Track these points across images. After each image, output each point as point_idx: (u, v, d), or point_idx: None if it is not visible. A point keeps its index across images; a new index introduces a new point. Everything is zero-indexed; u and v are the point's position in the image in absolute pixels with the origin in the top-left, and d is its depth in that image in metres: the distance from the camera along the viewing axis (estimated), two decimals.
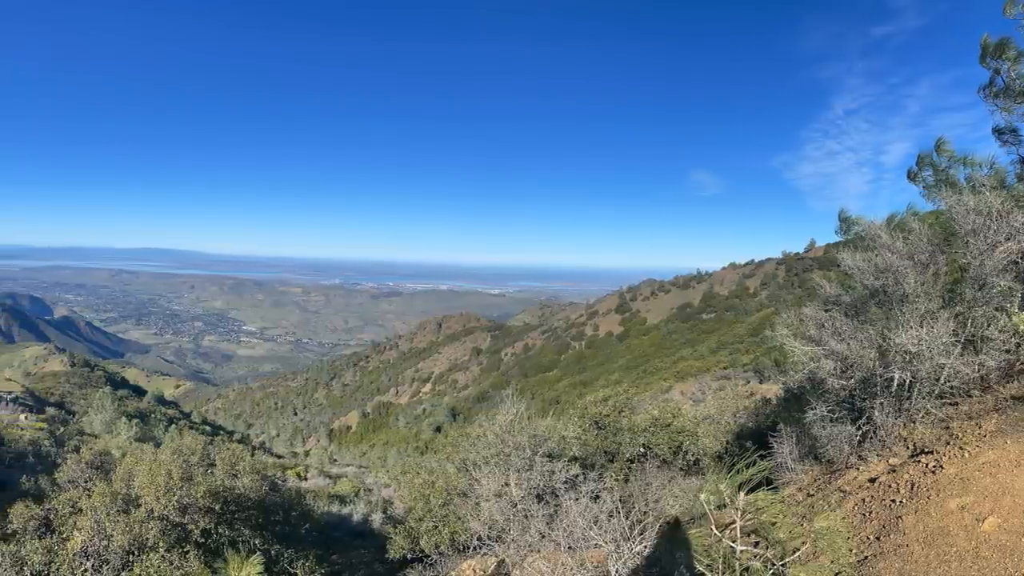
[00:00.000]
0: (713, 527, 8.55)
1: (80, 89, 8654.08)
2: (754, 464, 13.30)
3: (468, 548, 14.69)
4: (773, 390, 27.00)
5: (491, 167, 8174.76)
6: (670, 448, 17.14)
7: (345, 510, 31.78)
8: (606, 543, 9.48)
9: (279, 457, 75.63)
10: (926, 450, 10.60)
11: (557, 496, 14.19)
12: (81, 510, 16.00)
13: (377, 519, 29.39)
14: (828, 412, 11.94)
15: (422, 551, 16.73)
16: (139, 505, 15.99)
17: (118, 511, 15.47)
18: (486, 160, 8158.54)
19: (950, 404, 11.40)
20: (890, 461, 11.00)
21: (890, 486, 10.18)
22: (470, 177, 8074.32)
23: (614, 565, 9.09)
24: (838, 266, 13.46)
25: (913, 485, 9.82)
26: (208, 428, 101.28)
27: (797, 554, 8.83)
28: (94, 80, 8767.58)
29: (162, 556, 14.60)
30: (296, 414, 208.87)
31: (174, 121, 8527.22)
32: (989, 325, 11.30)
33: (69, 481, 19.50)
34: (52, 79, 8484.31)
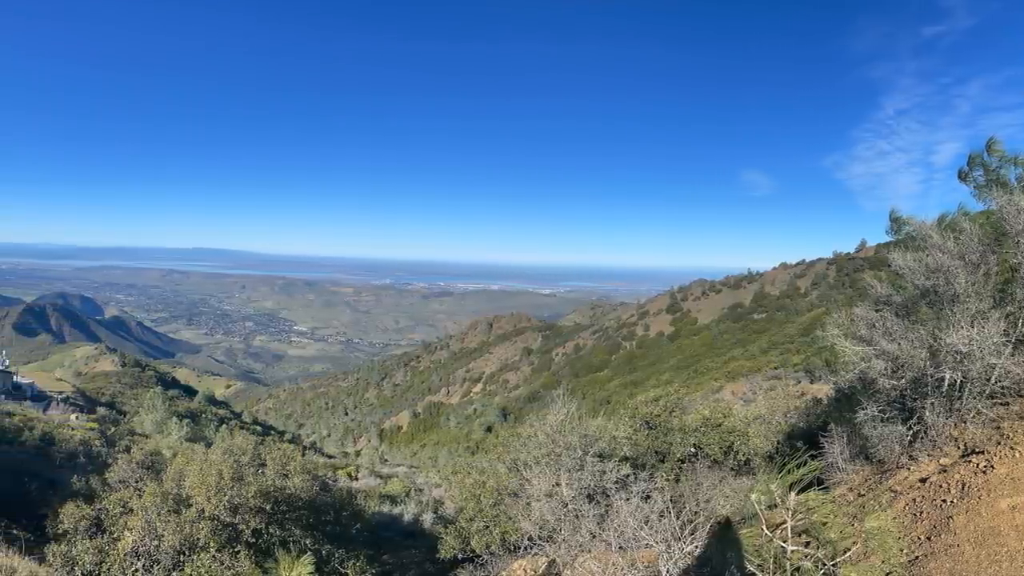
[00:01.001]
0: (764, 527, 8.60)
1: (134, 89, 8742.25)
2: (805, 464, 13.30)
3: (519, 548, 14.78)
4: (824, 390, 26.83)
5: (543, 166, 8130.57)
6: (721, 448, 17.12)
7: (396, 510, 31.86)
8: (657, 543, 9.51)
9: (330, 457, 76.02)
10: (977, 450, 10.59)
11: (608, 496, 14.20)
12: (132, 510, 16.13)
13: (428, 519, 29.45)
14: (879, 412, 11.92)
15: (473, 551, 16.83)
16: (190, 505, 16.09)
17: (169, 511, 15.61)
18: (539, 159, 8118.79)
19: (1001, 404, 11.35)
20: (941, 461, 10.98)
21: (941, 486, 10.19)
22: (522, 177, 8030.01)
23: (665, 565, 9.13)
24: (889, 266, 13.40)
25: (964, 485, 9.83)
26: (259, 428, 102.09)
27: (848, 554, 8.86)
28: (147, 80, 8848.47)
29: (213, 556, 14.73)
30: (347, 414, 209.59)
31: (227, 121, 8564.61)
32: None
33: (120, 481, 19.55)
34: (104, 79, 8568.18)
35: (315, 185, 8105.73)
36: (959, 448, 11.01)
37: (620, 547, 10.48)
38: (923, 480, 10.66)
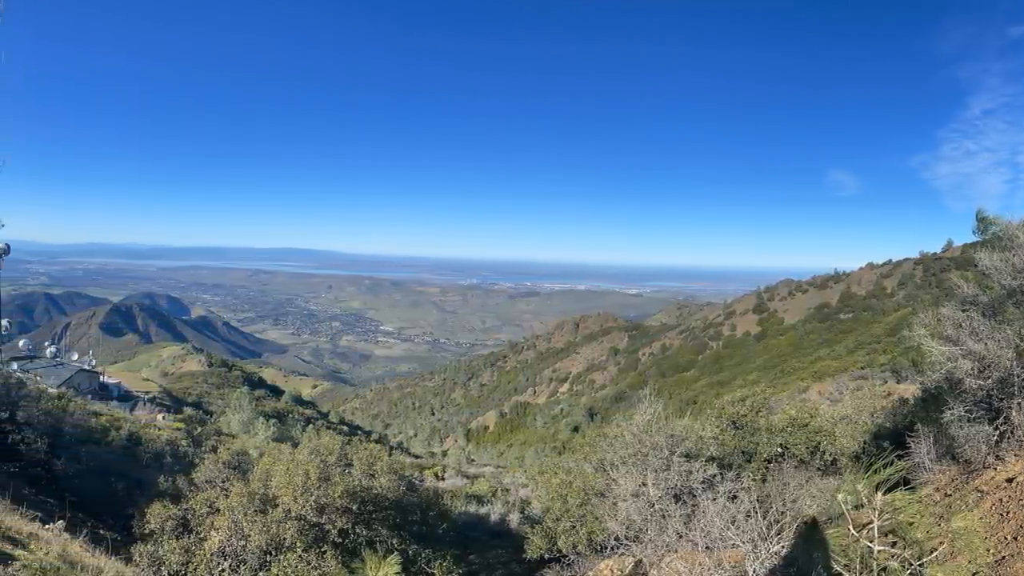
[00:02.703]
0: (850, 527, 8.70)
1: (223, 89, 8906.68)
2: (891, 464, 13.34)
3: (605, 548, 14.88)
4: (910, 390, 26.52)
5: (629, 166, 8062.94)
6: (807, 448, 17.07)
7: (482, 510, 31.81)
8: (743, 543, 9.59)
9: (417, 457, 76.26)
10: None
11: (695, 496, 14.25)
12: (219, 510, 16.40)
13: (514, 519, 29.41)
14: (965, 412, 11.90)
15: (559, 551, 16.98)
16: (276, 505, 16.31)
17: (256, 511, 15.85)
18: (625, 159, 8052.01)
19: None
20: None
21: None
22: (610, 177, 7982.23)
23: (751, 565, 9.21)
24: (975, 266, 13.36)
25: None
26: (345, 428, 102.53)
27: (935, 554, 8.93)
28: (237, 80, 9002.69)
29: (299, 556, 14.94)
30: (433, 414, 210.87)
31: (316, 121, 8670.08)
32: None
33: (207, 481, 19.62)
34: (194, 79, 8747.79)
35: (402, 185, 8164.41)
36: None
37: (706, 547, 10.56)
38: (1010, 480, 10.64)
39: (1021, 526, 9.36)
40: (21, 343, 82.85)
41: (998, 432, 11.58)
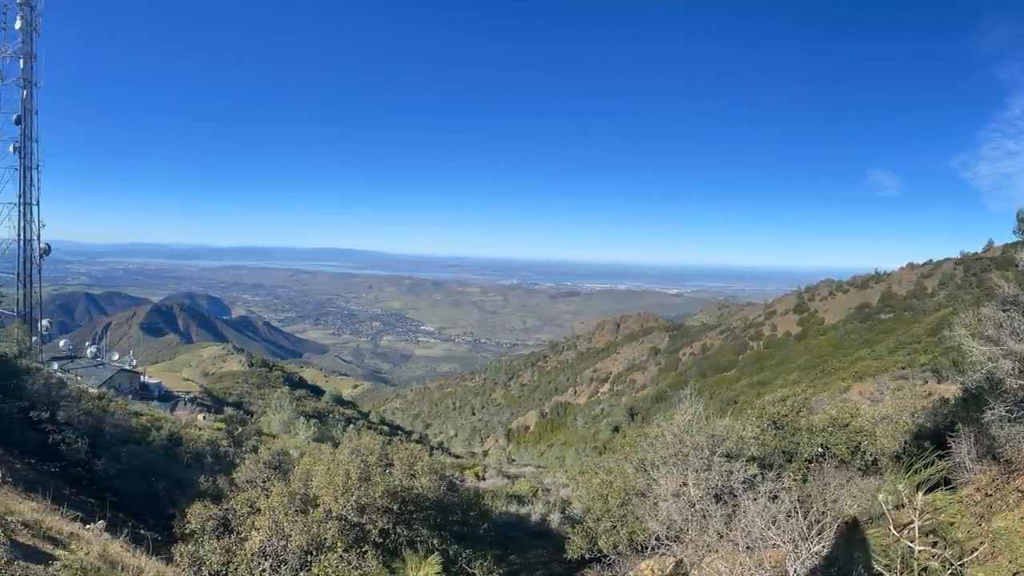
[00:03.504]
0: (891, 527, 8.73)
1: (264, 90, 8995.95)
2: (932, 464, 13.33)
3: (646, 548, 14.97)
4: (951, 390, 26.36)
5: (667, 166, 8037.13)
6: (848, 448, 17.04)
7: (523, 510, 31.78)
8: (784, 543, 9.64)
9: (457, 457, 76.10)
10: None
11: (735, 496, 14.32)
12: (259, 510, 16.51)
13: (555, 519, 29.35)
14: (1006, 412, 11.88)
15: (600, 551, 17.00)
16: (317, 505, 16.41)
17: (296, 511, 15.95)
18: (664, 159, 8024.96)
19: None
20: None
21: None
22: (649, 177, 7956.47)
23: (792, 565, 9.25)
24: (1016, 266, 13.33)
25: None
26: (386, 428, 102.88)
27: (975, 554, 8.96)
28: (276, 81, 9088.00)
29: (340, 556, 14.99)
30: (474, 414, 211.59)
31: (355, 121, 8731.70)
32: None
33: (247, 481, 19.79)
34: (234, 79, 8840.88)
35: (443, 185, 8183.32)
36: None
37: (747, 547, 10.61)
38: None
39: None
40: (62, 343, 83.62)
41: None
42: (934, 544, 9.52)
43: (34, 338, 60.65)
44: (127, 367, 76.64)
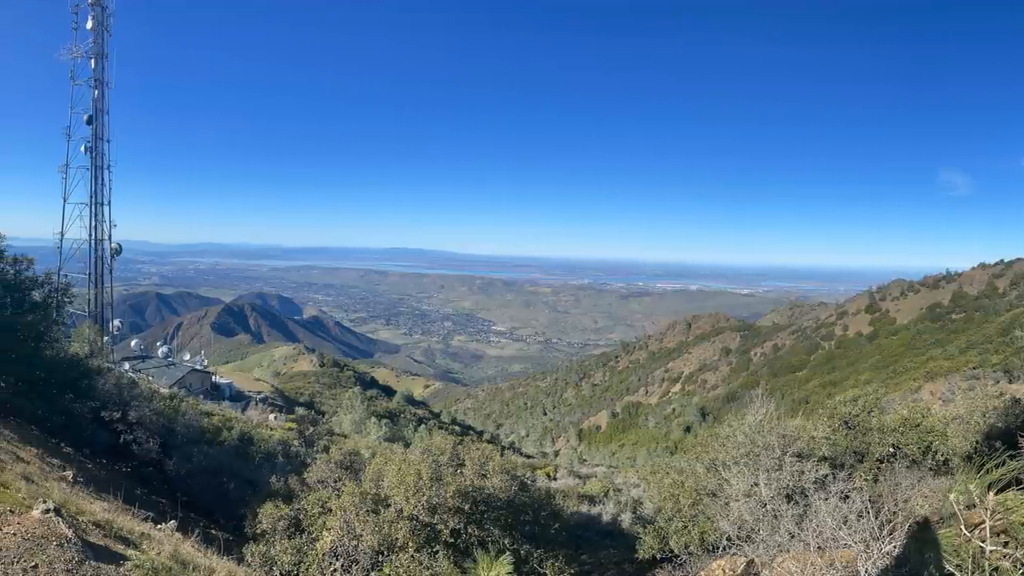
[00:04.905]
0: (962, 527, 8.65)
1: (336, 90, 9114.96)
2: (1003, 464, 13.16)
3: (717, 548, 14.97)
4: (1023, 390, 26.00)
5: (741, 168, 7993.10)
6: (919, 448, 16.94)
7: (594, 510, 31.94)
8: (855, 543, 9.63)
9: (528, 457, 76.46)
10: None
11: (806, 496, 14.29)
12: (331, 510, 16.75)
13: (627, 519, 29.50)
14: None
15: (671, 551, 17.09)
16: (388, 505, 16.56)
17: (368, 511, 16.06)
18: (737, 161, 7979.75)
19: None
20: None
21: None
22: (721, 179, 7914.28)
23: (863, 565, 9.23)
24: None
25: None
26: (457, 428, 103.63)
27: None
28: (349, 82, 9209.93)
29: (411, 556, 15.10)
30: (545, 414, 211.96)
31: (428, 122, 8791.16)
32: None
33: (319, 481, 20.13)
34: (306, 80, 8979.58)
35: (513, 185, 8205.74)
36: None
37: (818, 547, 10.60)
38: None
39: None
40: (133, 343, 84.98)
41: None
42: (1005, 544, 9.41)
43: (105, 338, 61.52)
44: (198, 367, 77.51)
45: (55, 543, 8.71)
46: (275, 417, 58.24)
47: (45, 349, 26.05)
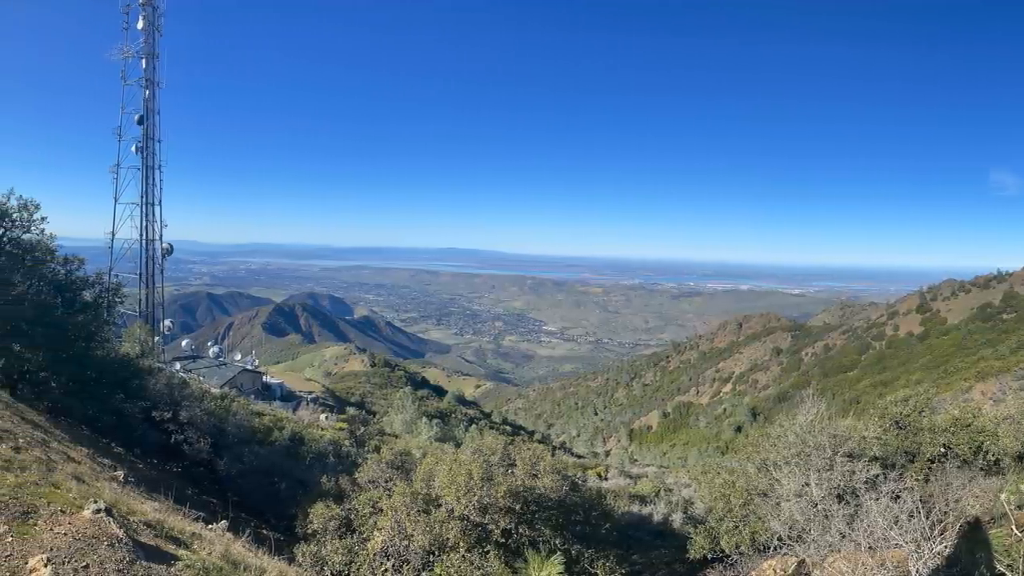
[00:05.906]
0: (1014, 527, 8.63)
1: (390, 91, 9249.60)
2: None
3: (768, 548, 15.09)
4: None
5: (788, 167, 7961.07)
6: (970, 448, 16.90)
7: (645, 510, 32.00)
8: (906, 543, 9.62)
9: (579, 457, 76.46)
10: None
11: (857, 496, 14.35)
12: (382, 510, 16.86)
13: (677, 519, 29.54)
14: None
15: (722, 551, 17.17)
16: (440, 505, 16.67)
17: (419, 511, 16.17)
18: (785, 161, 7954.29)
19: None
20: None
21: None
22: (771, 178, 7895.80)
23: (914, 565, 9.25)
24: None
25: None
26: (508, 428, 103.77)
27: None
28: (404, 83, 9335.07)
29: (462, 556, 15.14)
30: (596, 414, 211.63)
31: (481, 122, 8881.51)
32: None
33: (370, 481, 20.18)
34: (361, 81, 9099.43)
35: (567, 185, 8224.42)
36: None
37: (869, 547, 10.61)
38: None
39: None
40: (184, 343, 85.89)
41: None
42: None
43: (156, 338, 62.19)
44: (249, 367, 78.41)
45: (106, 543, 8.79)
46: (326, 417, 58.83)
47: (96, 349, 26.35)
